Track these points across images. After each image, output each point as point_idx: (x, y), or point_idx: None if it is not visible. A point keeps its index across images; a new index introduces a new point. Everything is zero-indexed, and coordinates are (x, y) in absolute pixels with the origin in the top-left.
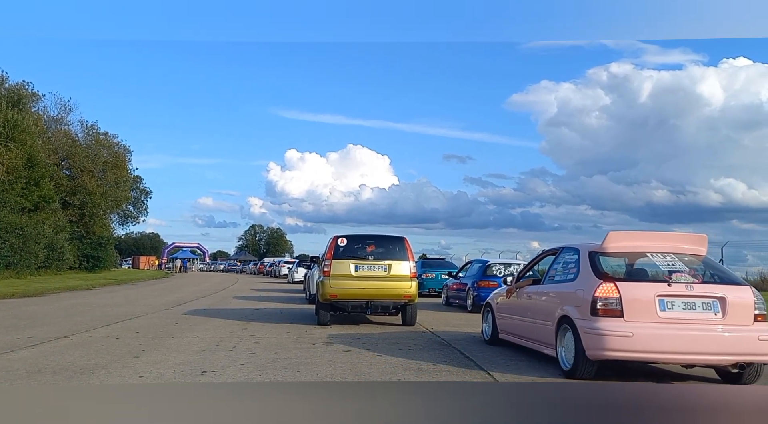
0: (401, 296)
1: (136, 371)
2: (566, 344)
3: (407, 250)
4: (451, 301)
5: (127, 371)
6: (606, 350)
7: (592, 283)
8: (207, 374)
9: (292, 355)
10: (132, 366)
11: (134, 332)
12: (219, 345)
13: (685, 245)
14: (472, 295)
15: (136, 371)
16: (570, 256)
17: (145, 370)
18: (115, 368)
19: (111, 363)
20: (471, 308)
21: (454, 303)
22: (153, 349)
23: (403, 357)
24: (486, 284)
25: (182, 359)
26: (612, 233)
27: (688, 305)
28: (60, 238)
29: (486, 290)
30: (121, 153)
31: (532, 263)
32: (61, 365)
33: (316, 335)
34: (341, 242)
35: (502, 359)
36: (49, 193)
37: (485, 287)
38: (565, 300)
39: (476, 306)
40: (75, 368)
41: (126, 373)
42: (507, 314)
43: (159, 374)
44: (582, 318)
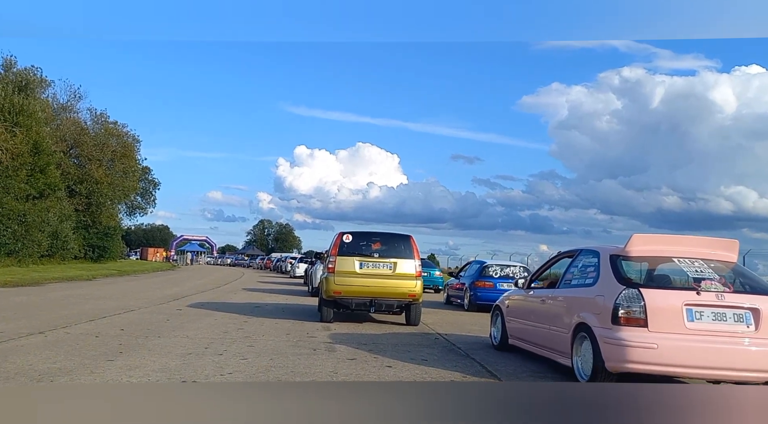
0: (406, 294)
1: (104, 380)
2: (583, 353)
3: (413, 248)
4: (451, 300)
5: (92, 380)
6: (628, 362)
7: (613, 289)
8: (186, 383)
9: (289, 363)
10: (101, 373)
11: (119, 329)
12: (208, 348)
13: (715, 250)
14: (469, 294)
15: (104, 380)
16: (589, 259)
17: (114, 378)
18: (80, 375)
19: (78, 368)
20: (467, 307)
21: (454, 302)
22: (133, 350)
23: (416, 369)
24: (482, 284)
25: (162, 365)
26: (636, 235)
27: (718, 316)
28: (65, 226)
29: (482, 290)
30: (130, 143)
31: (547, 265)
32: (18, 369)
33: (317, 338)
34: (346, 239)
35: (521, 370)
36: (55, 181)
37: (481, 287)
38: (582, 306)
39: (472, 305)
40: (33, 374)
41: (91, 382)
42: (518, 319)
43: (131, 383)
44: (602, 327)
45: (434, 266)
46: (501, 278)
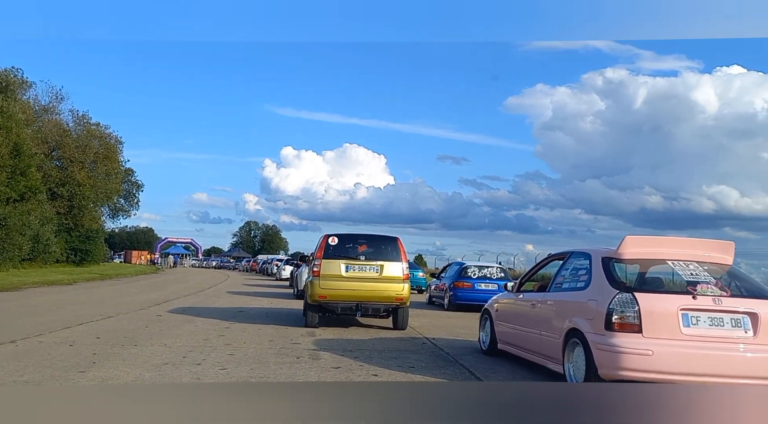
0: (393, 298)
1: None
2: (575, 360)
3: (400, 250)
4: (433, 300)
5: None
6: (621, 369)
7: (606, 293)
8: None
9: (271, 373)
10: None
11: (95, 336)
12: (186, 357)
13: (710, 252)
14: (449, 294)
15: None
16: (580, 261)
17: None
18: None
19: (47, 381)
20: (447, 307)
21: (436, 302)
22: (106, 360)
23: (403, 377)
24: (461, 285)
25: (136, 376)
26: (629, 237)
27: (714, 321)
28: (46, 230)
29: (461, 290)
30: (113, 144)
31: (536, 267)
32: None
33: (301, 345)
34: (332, 241)
35: (510, 376)
36: (36, 184)
37: (461, 288)
38: (574, 311)
39: (452, 305)
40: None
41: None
42: (507, 323)
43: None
44: (594, 332)
45: (418, 267)
46: (479, 279)
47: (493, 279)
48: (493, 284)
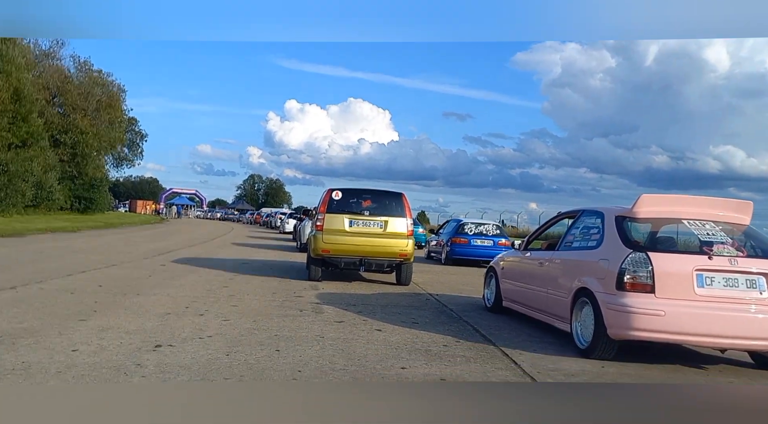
0: (397, 254)
1: (72, 343)
2: (583, 319)
3: (405, 206)
4: (432, 255)
5: (59, 342)
6: (632, 329)
7: (619, 252)
8: (161, 349)
9: (274, 325)
10: (70, 334)
11: (97, 285)
12: (189, 307)
13: (727, 212)
14: (446, 249)
15: (72, 343)
16: (592, 220)
17: (83, 340)
18: (46, 337)
19: (46, 328)
20: (444, 261)
21: (434, 257)
22: (108, 309)
23: (407, 333)
24: (458, 241)
25: (138, 326)
26: (644, 195)
27: (729, 282)
28: (49, 177)
29: (458, 246)
30: (115, 92)
31: (545, 226)
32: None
33: (304, 298)
34: (336, 196)
35: (515, 334)
36: (38, 130)
37: (457, 243)
38: (584, 270)
39: (449, 259)
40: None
41: (57, 344)
42: (513, 281)
43: (99, 347)
44: (605, 292)
45: (419, 224)
46: (475, 235)
47: (488, 235)
48: (488, 240)
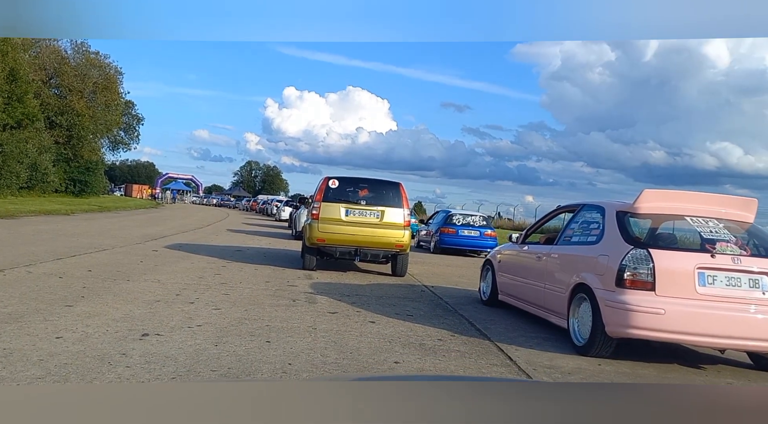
0: (393, 245)
1: (56, 329)
2: (581, 316)
3: (402, 196)
4: (421, 244)
5: (43, 329)
6: (631, 327)
7: (619, 248)
8: (147, 338)
9: (266, 315)
10: (55, 320)
11: (86, 269)
12: (180, 295)
13: (730, 209)
14: (435, 239)
15: (56, 329)
16: (592, 215)
17: (69, 327)
18: (31, 322)
19: (30, 314)
20: (433, 250)
21: (424, 246)
22: (96, 295)
23: (401, 325)
24: (446, 231)
25: (125, 313)
26: (647, 191)
27: (732, 281)
28: (44, 158)
29: (446, 235)
30: (112, 75)
31: (544, 219)
32: None
33: (298, 288)
34: (332, 184)
35: (511, 329)
36: (33, 111)
37: (446, 233)
38: (583, 266)
39: (437, 248)
40: None
41: (41, 331)
42: (510, 275)
43: (84, 334)
44: (604, 288)
45: (412, 214)
46: (462, 226)
47: (475, 226)
48: (475, 230)
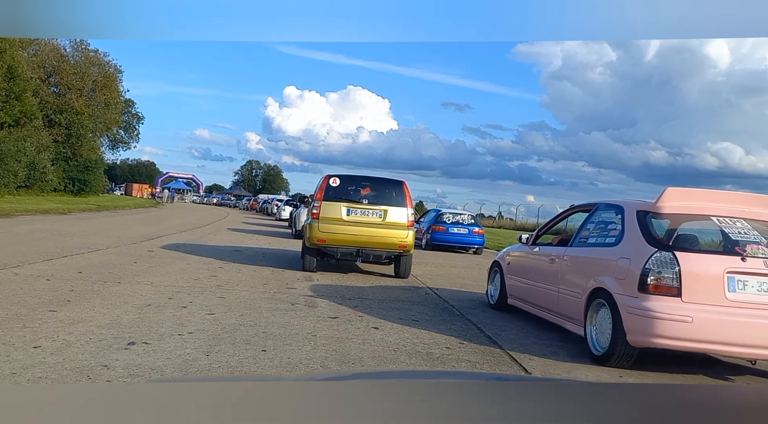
0: (396, 245)
1: (35, 337)
2: (599, 323)
3: (406, 195)
4: None
5: (21, 337)
6: (655, 336)
7: (642, 251)
8: (133, 347)
9: (262, 320)
10: (35, 327)
11: (77, 271)
12: (172, 298)
13: (759, 208)
14: (426, 236)
15: (35, 337)
16: (610, 214)
17: (49, 334)
18: (8, 329)
19: (10, 319)
20: (424, 246)
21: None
22: (83, 299)
23: (406, 332)
24: (437, 228)
25: (112, 319)
26: (670, 189)
27: (764, 287)
28: (43, 157)
29: (437, 233)
30: (112, 73)
31: (556, 219)
32: None
33: (297, 290)
34: (333, 182)
35: (523, 336)
36: (32, 109)
37: (436, 231)
38: (602, 269)
39: (428, 245)
40: None
41: (18, 339)
42: (520, 278)
43: (65, 343)
44: (625, 294)
45: None
46: (452, 224)
47: (464, 224)
48: (464, 228)
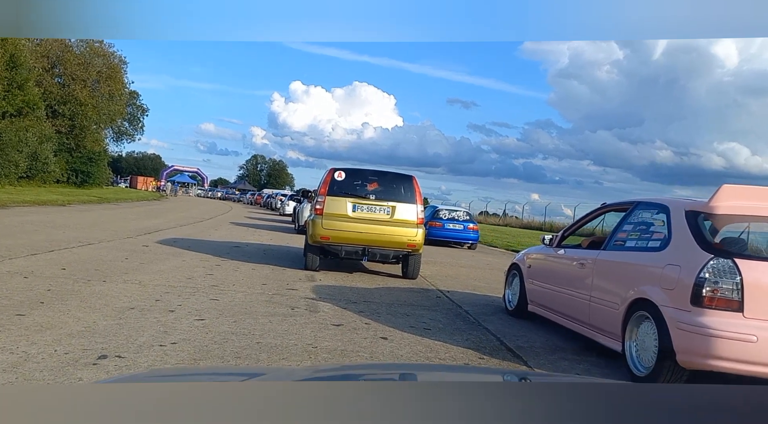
0: (404, 244)
1: None
2: (641, 338)
3: (415, 191)
4: None
5: None
6: (711, 357)
7: (695, 257)
8: (103, 362)
9: (258, 327)
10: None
11: (60, 267)
12: (159, 300)
13: None
14: None
15: None
16: (651, 215)
17: (8, 345)
18: None
19: None
20: None
21: None
22: (59, 300)
23: (418, 343)
24: (433, 224)
25: (87, 325)
26: (726, 186)
27: None
28: (45, 148)
29: (434, 228)
30: (116, 64)
31: (585, 219)
32: None
33: (298, 292)
34: (338, 176)
35: (549, 349)
36: (34, 99)
37: (433, 226)
38: (644, 277)
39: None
40: None
41: None
42: (543, 283)
43: (24, 356)
44: (674, 307)
45: None
46: (448, 220)
47: (459, 220)
48: (459, 224)
